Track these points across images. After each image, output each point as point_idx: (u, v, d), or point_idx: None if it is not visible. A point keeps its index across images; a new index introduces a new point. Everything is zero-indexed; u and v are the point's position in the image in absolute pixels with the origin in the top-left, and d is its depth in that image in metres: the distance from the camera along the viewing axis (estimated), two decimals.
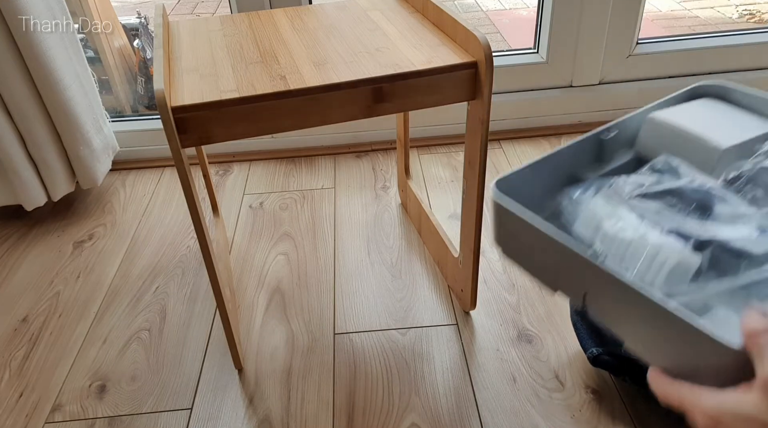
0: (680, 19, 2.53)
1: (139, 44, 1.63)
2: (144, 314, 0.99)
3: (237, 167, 1.38)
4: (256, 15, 0.92)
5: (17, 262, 1.12)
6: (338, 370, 0.87)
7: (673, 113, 0.62)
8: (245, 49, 0.79)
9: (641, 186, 0.52)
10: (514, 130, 1.44)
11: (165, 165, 1.39)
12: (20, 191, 1.14)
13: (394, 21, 0.86)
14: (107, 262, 1.11)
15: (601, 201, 0.52)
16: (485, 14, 2.74)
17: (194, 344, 0.93)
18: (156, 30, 0.80)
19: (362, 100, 0.70)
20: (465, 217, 0.86)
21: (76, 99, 1.13)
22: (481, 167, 0.78)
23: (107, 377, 0.88)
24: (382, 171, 1.33)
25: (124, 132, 1.36)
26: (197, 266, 1.08)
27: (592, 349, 0.78)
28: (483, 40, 0.69)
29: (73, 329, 0.97)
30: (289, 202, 1.25)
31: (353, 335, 0.92)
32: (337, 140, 1.42)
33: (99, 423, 0.81)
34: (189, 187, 0.67)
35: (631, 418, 0.77)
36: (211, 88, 0.67)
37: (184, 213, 1.22)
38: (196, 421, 0.81)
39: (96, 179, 1.21)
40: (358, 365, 0.87)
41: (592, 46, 1.37)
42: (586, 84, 1.42)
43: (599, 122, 1.44)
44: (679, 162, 0.55)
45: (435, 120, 1.40)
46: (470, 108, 0.76)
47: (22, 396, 0.86)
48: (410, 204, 1.16)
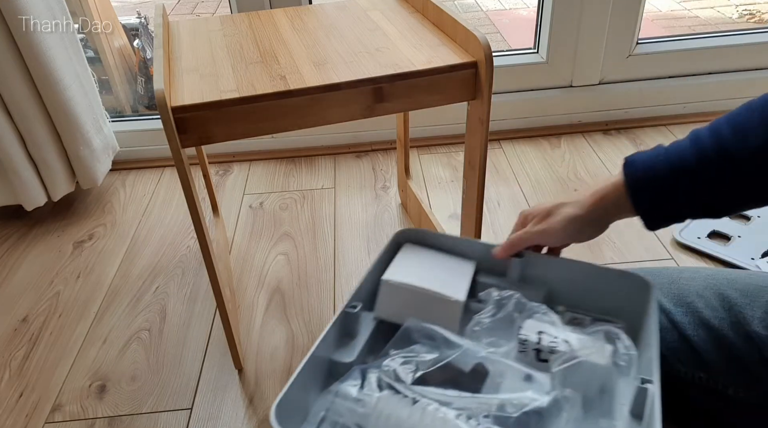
0: (680, 19, 2.53)
1: (139, 44, 1.63)
2: (144, 314, 0.99)
3: (237, 167, 1.38)
4: (256, 15, 0.92)
5: (17, 262, 1.12)
6: None
7: (400, 272, 0.65)
8: (245, 49, 0.79)
9: (414, 367, 0.55)
10: (514, 130, 1.44)
11: (165, 165, 1.39)
12: (20, 191, 1.14)
13: (394, 21, 0.86)
14: (107, 262, 1.11)
15: (387, 397, 0.52)
16: (485, 14, 2.74)
17: (194, 344, 0.93)
18: (156, 30, 0.80)
19: (362, 100, 0.70)
20: (465, 217, 0.86)
21: (76, 99, 1.13)
22: (481, 167, 0.78)
23: (107, 377, 0.88)
24: (382, 171, 1.33)
25: (124, 132, 1.36)
26: (197, 266, 1.08)
27: None
28: (483, 40, 0.69)
29: (73, 329, 0.97)
30: (289, 202, 1.25)
31: None
32: (337, 140, 1.42)
33: (99, 423, 0.82)
34: (189, 187, 0.67)
35: None
36: (211, 88, 0.67)
37: (184, 213, 1.22)
38: (196, 421, 0.81)
39: (96, 179, 1.22)
40: None
41: (592, 46, 1.37)
42: (586, 84, 1.42)
43: (599, 121, 1.45)
44: (430, 329, 0.58)
45: (435, 120, 1.40)
46: (470, 108, 0.76)
47: (22, 396, 0.86)
48: (410, 204, 1.16)
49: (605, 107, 1.44)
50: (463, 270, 0.68)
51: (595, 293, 0.64)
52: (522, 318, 0.60)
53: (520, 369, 0.55)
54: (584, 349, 0.56)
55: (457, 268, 0.68)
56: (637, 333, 0.61)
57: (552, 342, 0.57)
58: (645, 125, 1.44)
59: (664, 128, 1.43)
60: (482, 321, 0.61)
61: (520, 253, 0.67)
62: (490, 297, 0.63)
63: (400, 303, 0.63)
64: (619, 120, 1.45)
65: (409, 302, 0.63)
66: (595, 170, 1.29)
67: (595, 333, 0.59)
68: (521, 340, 0.58)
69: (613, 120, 1.45)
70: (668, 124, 1.43)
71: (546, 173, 1.29)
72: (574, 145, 1.39)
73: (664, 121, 1.44)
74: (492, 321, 0.61)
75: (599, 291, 0.64)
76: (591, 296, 0.64)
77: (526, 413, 0.50)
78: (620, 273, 0.64)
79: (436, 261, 0.69)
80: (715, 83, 1.43)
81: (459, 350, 0.57)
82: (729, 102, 1.45)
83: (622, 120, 1.45)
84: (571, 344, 0.57)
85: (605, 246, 1.07)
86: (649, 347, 0.58)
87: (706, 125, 0.56)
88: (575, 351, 0.56)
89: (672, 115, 1.45)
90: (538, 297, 0.64)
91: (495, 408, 0.51)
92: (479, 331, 0.60)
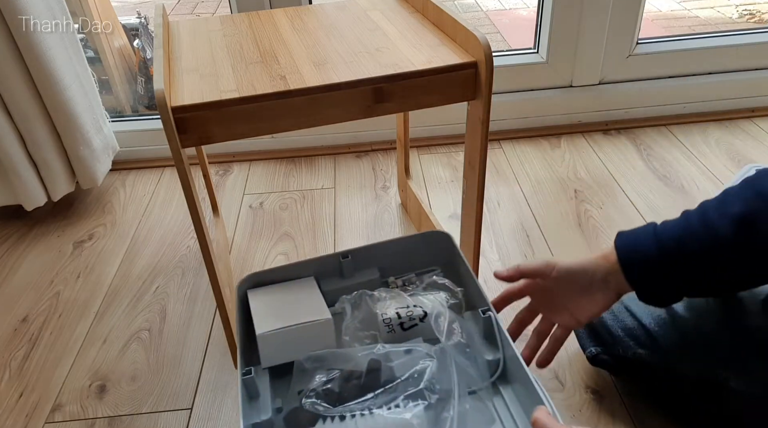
0: (680, 19, 2.54)
1: (139, 44, 1.63)
2: (144, 314, 0.99)
3: (237, 167, 1.38)
4: (256, 15, 0.92)
5: (17, 262, 1.12)
6: None
7: (265, 321, 0.69)
8: (245, 49, 0.79)
9: (325, 392, 0.62)
10: (514, 130, 1.44)
11: (165, 165, 1.39)
12: (20, 191, 1.14)
13: (394, 21, 0.86)
14: (107, 262, 1.11)
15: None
16: (485, 14, 2.74)
17: (194, 344, 0.93)
18: (156, 30, 0.80)
19: (362, 100, 0.70)
20: (465, 217, 0.86)
21: (76, 99, 1.13)
22: (481, 167, 0.78)
23: (107, 377, 0.88)
24: (382, 171, 1.33)
25: (124, 132, 1.36)
26: (197, 266, 1.08)
27: (591, 348, 0.78)
28: (483, 39, 0.69)
29: (73, 329, 0.97)
30: (289, 202, 1.25)
31: None
32: (337, 140, 1.42)
33: (99, 423, 0.82)
34: (189, 187, 0.67)
35: (631, 418, 0.77)
36: (211, 88, 0.67)
37: (184, 213, 1.22)
38: (196, 421, 0.81)
39: (96, 179, 1.22)
40: None
41: (592, 46, 1.37)
42: (586, 84, 1.42)
43: (599, 121, 1.45)
44: (317, 354, 0.65)
45: (435, 120, 1.40)
46: (470, 108, 0.76)
47: (22, 396, 0.86)
48: (410, 204, 1.16)
49: (605, 107, 1.44)
50: (310, 291, 0.74)
51: (412, 256, 0.80)
52: (376, 307, 0.70)
53: (399, 349, 0.64)
54: (429, 304, 0.70)
55: (304, 291, 0.75)
56: (453, 276, 0.76)
57: (407, 312, 0.69)
58: (645, 125, 1.44)
59: (664, 128, 1.43)
60: (349, 326, 0.70)
61: (347, 254, 0.77)
62: (345, 303, 0.72)
63: (281, 346, 0.68)
64: (619, 120, 1.45)
65: (288, 341, 0.68)
66: (595, 170, 1.29)
67: (429, 288, 0.73)
68: (385, 323, 0.69)
69: (613, 120, 1.45)
70: (668, 124, 1.43)
71: (546, 173, 1.29)
72: (574, 145, 1.39)
73: (664, 121, 1.44)
74: (356, 322, 0.70)
75: (415, 253, 0.80)
76: (410, 259, 0.80)
77: (429, 380, 0.61)
78: (423, 235, 0.80)
79: (285, 295, 0.74)
80: (715, 83, 1.43)
81: (351, 358, 0.65)
82: (729, 102, 1.45)
83: (622, 120, 1.45)
84: (420, 305, 0.70)
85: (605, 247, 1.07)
86: (468, 284, 0.74)
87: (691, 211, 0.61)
88: (426, 308, 0.69)
89: (672, 115, 1.45)
90: (374, 276, 0.78)
91: (402, 388, 0.62)
92: (352, 335, 0.69)
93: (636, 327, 0.73)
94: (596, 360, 0.78)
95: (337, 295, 0.74)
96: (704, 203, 0.60)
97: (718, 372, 0.66)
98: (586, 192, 1.22)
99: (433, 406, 0.61)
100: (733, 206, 0.56)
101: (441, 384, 0.62)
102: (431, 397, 0.61)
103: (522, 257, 1.06)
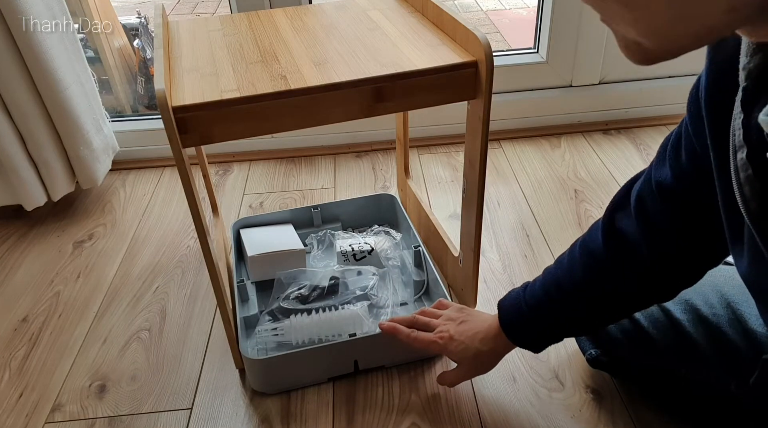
0: None
1: (139, 44, 1.63)
2: (144, 314, 0.99)
3: (237, 167, 1.38)
4: (256, 15, 0.92)
5: (17, 262, 1.12)
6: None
7: (255, 247, 0.97)
8: (245, 48, 0.79)
9: (298, 296, 0.90)
10: (514, 130, 1.44)
11: (165, 165, 1.39)
12: (20, 191, 1.14)
13: (394, 21, 0.86)
14: (107, 262, 1.11)
15: (295, 317, 0.87)
16: (485, 14, 2.74)
17: (194, 344, 0.93)
18: (156, 30, 0.80)
19: (362, 100, 0.70)
20: (465, 217, 0.86)
21: (76, 99, 1.13)
22: (482, 166, 0.78)
23: (107, 377, 0.88)
24: (382, 171, 1.33)
25: (124, 132, 1.36)
26: (197, 266, 1.08)
27: (591, 350, 0.78)
28: (483, 39, 0.69)
29: (73, 329, 0.97)
30: (289, 202, 1.25)
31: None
32: (337, 140, 1.42)
33: (99, 423, 0.81)
34: (190, 187, 0.67)
35: (631, 418, 0.77)
36: (212, 88, 0.68)
37: (184, 213, 1.22)
38: (196, 421, 0.81)
39: (96, 179, 1.21)
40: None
41: (592, 46, 1.37)
42: (586, 84, 1.42)
43: (599, 121, 1.45)
44: (292, 272, 0.93)
45: (435, 120, 1.40)
46: (470, 108, 0.76)
47: (22, 396, 0.86)
48: (410, 204, 1.16)
49: (605, 107, 1.44)
50: (288, 231, 1.05)
51: (366, 213, 1.11)
52: (336, 242, 1.00)
53: (351, 269, 0.94)
54: (378, 243, 0.99)
55: (283, 231, 1.05)
56: (395, 226, 1.09)
57: (359, 246, 0.98)
58: (645, 125, 1.44)
59: (664, 128, 1.43)
60: (316, 255, 1.02)
61: (316, 206, 1.10)
62: (313, 240, 1.04)
63: (265, 266, 0.96)
64: (619, 120, 1.45)
65: (272, 263, 0.96)
66: (595, 170, 1.29)
67: (377, 233, 1.04)
68: (342, 253, 0.97)
69: (613, 120, 1.45)
70: (668, 124, 1.43)
71: (546, 173, 1.29)
72: (574, 145, 1.39)
73: (664, 121, 1.44)
74: (321, 252, 1.02)
75: (368, 212, 1.11)
76: (365, 216, 1.11)
77: (372, 289, 0.91)
78: (375, 196, 1.12)
79: (269, 232, 1.04)
80: None
81: (316, 276, 0.92)
82: None
83: (622, 120, 1.45)
84: (369, 243, 0.98)
85: None
86: (406, 232, 1.05)
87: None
88: (373, 245, 0.98)
89: (672, 115, 1.45)
90: (337, 228, 1.09)
91: (352, 294, 0.90)
92: (317, 261, 1.01)
93: (634, 330, 0.73)
94: (596, 363, 0.78)
95: (308, 237, 1.04)
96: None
97: (717, 374, 0.66)
98: (586, 192, 1.22)
99: (375, 306, 0.89)
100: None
101: (381, 293, 0.90)
102: (374, 299, 0.89)
103: (522, 256, 1.06)
